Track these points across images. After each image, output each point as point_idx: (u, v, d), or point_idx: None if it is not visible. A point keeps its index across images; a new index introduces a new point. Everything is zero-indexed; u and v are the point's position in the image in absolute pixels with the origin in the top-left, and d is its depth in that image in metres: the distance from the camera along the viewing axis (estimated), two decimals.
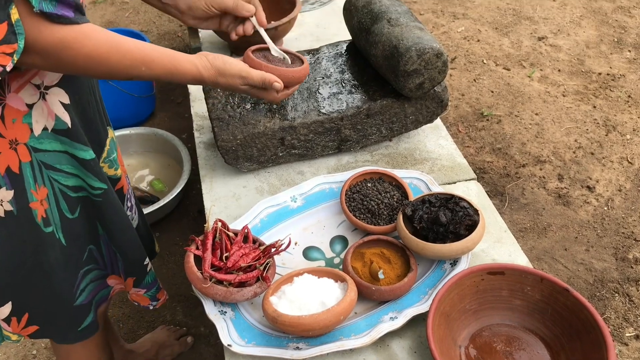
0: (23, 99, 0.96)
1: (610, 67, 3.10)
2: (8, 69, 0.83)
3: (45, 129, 1.00)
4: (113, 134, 1.22)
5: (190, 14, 1.31)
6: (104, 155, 1.17)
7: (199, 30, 1.92)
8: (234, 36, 1.33)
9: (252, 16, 1.29)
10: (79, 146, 1.05)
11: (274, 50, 1.27)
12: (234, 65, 1.14)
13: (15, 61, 0.84)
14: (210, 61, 1.12)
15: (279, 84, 1.17)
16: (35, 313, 1.14)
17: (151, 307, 1.36)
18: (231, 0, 1.28)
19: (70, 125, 1.03)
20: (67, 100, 1.02)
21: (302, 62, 1.24)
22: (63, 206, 1.08)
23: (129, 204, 1.29)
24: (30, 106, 0.97)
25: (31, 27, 0.85)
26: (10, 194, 0.98)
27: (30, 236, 1.04)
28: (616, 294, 2.03)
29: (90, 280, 1.20)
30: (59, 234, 1.08)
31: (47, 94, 0.99)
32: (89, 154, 1.07)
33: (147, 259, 1.30)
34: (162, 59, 1.04)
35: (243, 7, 1.28)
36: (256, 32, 1.32)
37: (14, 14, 0.82)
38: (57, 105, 1.01)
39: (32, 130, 0.98)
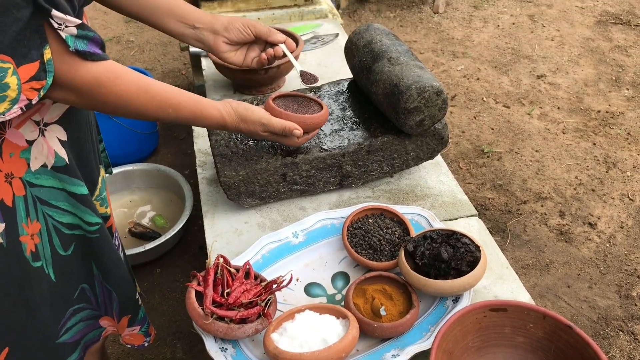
0: (23, 134, 0.97)
1: (609, 105, 3.14)
2: (34, 102, 0.88)
3: (44, 165, 1.01)
4: (104, 172, 1.24)
5: (225, 36, 1.36)
6: (97, 193, 1.18)
7: (203, 68, 1.95)
8: (263, 56, 1.44)
9: (283, 42, 1.38)
10: (76, 181, 1.06)
11: (299, 67, 1.44)
12: (256, 112, 1.19)
13: (41, 95, 0.88)
14: (234, 108, 1.17)
15: (298, 130, 1.23)
16: (16, 347, 1.12)
17: (145, 345, 1.35)
18: (265, 27, 1.36)
19: (67, 161, 1.04)
20: (64, 137, 1.04)
21: (321, 107, 1.30)
22: (56, 242, 1.07)
23: (116, 242, 1.30)
24: (30, 142, 0.98)
25: (68, 65, 0.89)
26: (1, 226, 0.98)
27: (17, 269, 1.02)
28: (621, 332, 2.01)
29: (80, 319, 1.18)
30: (48, 270, 1.07)
31: (45, 130, 1.00)
32: (84, 189, 1.08)
33: (137, 294, 1.30)
34: (189, 102, 1.09)
35: (276, 35, 1.41)
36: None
37: (47, 54, 0.86)
38: (54, 141, 1.02)
39: (29, 166, 0.99)
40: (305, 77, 1.39)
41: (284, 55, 1.45)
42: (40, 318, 1.09)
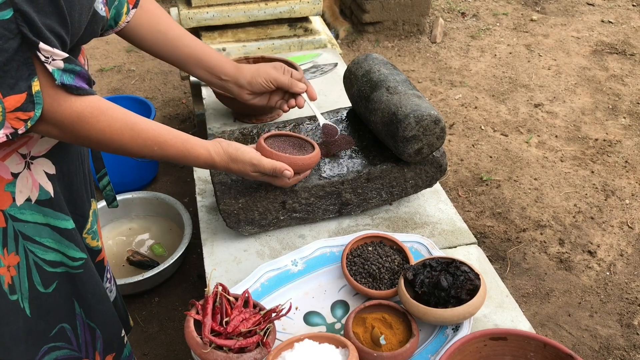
0: (9, 167, 0.97)
1: (607, 133, 3.16)
2: (20, 132, 0.87)
3: (28, 199, 1.00)
4: (96, 205, 1.23)
5: (248, 89, 1.43)
6: (88, 226, 1.17)
7: (203, 97, 1.97)
8: (285, 107, 1.48)
9: (304, 92, 1.41)
10: (61, 216, 1.05)
11: (322, 120, 1.46)
12: (246, 153, 1.19)
13: (28, 127, 0.88)
14: (224, 148, 1.16)
15: (289, 172, 1.22)
16: None
17: None
18: (286, 79, 1.40)
19: (53, 195, 1.03)
20: (52, 171, 1.03)
21: (314, 148, 1.31)
22: (35, 278, 1.05)
23: (108, 276, 1.28)
24: (15, 175, 0.98)
25: (51, 99, 0.89)
26: None
27: None
28: None
29: (55, 358, 1.14)
30: (24, 304, 1.04)
31: (32, 163, 1.00)
32: (70, 224, 1.07)
33: (124, 331, 1.28)
34: (176, 141, 1.08)
35: (297, 85, 1.43)
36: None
37: (35, 86, 0.86)
38: (40, 174, 1.01)
39: (14, 200, 0.98)
40: (327, 130, 1.44)
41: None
42: (16, 355, 1.06)
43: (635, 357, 2.00)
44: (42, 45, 0.84)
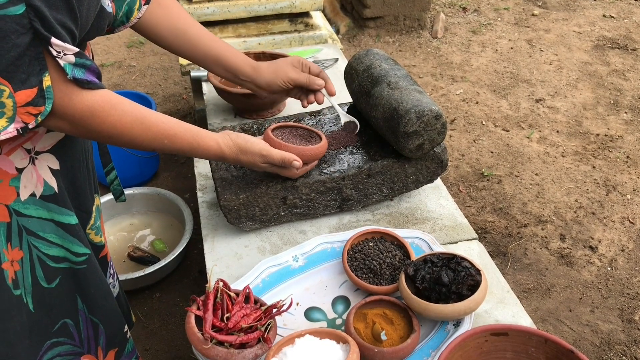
0: (13, 162, 0.97)
1: (608, 129, 3.15)
2: (30, 126, 0.88)
3: (32, 194, 1.00)
4: (99, 201, 1.23)
5: (267, 89, 1.43)
6: (91, 222, 1.17)
7: (204, 92, 1.97)
8: (305, 104, 1.46)
9: (322, 88, 1.40)
10: (65, 211, 1.05)
11: (343, 115, 1.45)
12: (255, 144, 1.20)
13: (39, 121, 0.88)
14: (233, 139, 1.17)
15: (298, 162, 1.24)
16: None
17: None
18: (304, 77, 1.41)
19: (57, 190, 1.03)
20: (56, 166, 1.03)
21: (321, 138, 1.34)
22: (39, 273, 1.05)
23: (111, 271, 1.28)
24: (19, 170, 0.98)
25: (63, 93, 0.90)
26: None
27: (0, 298, 1.00)
28: (624, 357, 1.99)
29: (57, 353, 1.14)
30: (27, 299, 1.04)
31: (36, 158, 1.00)
32: (73, 219, 1.07)
33: (127, 327, 1.28)
34: (185, 134, 1.09)
35: (315, 82, 1.42)
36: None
37: (46, 81, 0.86)
38: (45, 169, 1.01)
39: (18, 194, 0.98)
40: (348, 127, 1.44)
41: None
42: (19, 351, 1.05)
43: (636, 352, 2.00)
44: (54, 40, 0.84)
